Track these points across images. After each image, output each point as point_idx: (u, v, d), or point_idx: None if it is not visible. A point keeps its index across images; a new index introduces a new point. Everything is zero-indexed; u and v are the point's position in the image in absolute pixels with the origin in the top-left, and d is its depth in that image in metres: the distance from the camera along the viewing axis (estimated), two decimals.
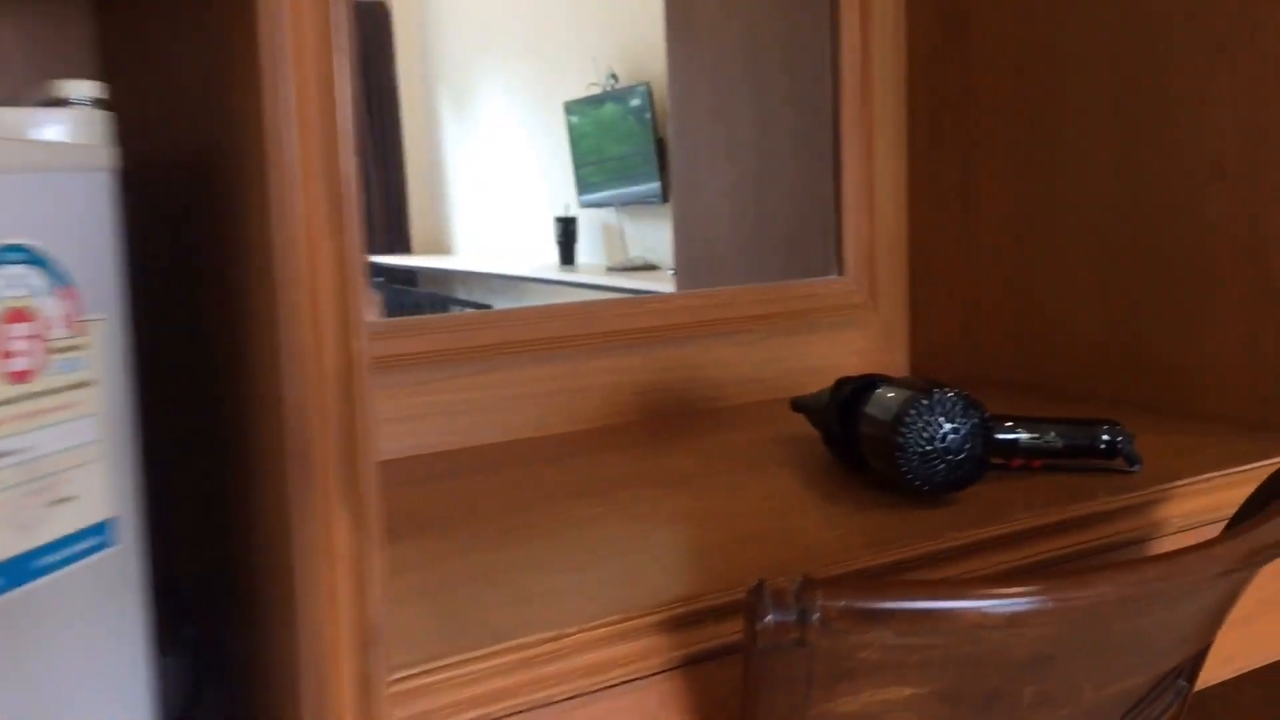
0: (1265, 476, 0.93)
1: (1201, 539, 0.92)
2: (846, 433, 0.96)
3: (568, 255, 2.36)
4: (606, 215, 2.30)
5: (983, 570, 0.80)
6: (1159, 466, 0.92)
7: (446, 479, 1.00)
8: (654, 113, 2.10)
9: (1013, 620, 0.58)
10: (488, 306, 1.36)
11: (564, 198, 2.34)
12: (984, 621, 0.58)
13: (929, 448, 0.84)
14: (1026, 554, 0.82)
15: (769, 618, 0.56)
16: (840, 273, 1.32)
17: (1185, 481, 0.89)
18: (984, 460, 0.85)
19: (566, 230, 2.31)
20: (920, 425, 0.84)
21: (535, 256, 1.62)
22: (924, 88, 1.32)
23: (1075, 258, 1.18)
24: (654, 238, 2.27)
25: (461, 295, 1.35)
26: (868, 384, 0.97)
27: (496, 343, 1.11)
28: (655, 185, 2.09)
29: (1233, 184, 1.02)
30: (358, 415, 0.53)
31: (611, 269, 2.21)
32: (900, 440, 0.84)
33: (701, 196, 1.69)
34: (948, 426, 0.84)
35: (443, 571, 0.75)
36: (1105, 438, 0.92)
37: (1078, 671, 0.65)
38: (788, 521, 0.83)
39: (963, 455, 0.84)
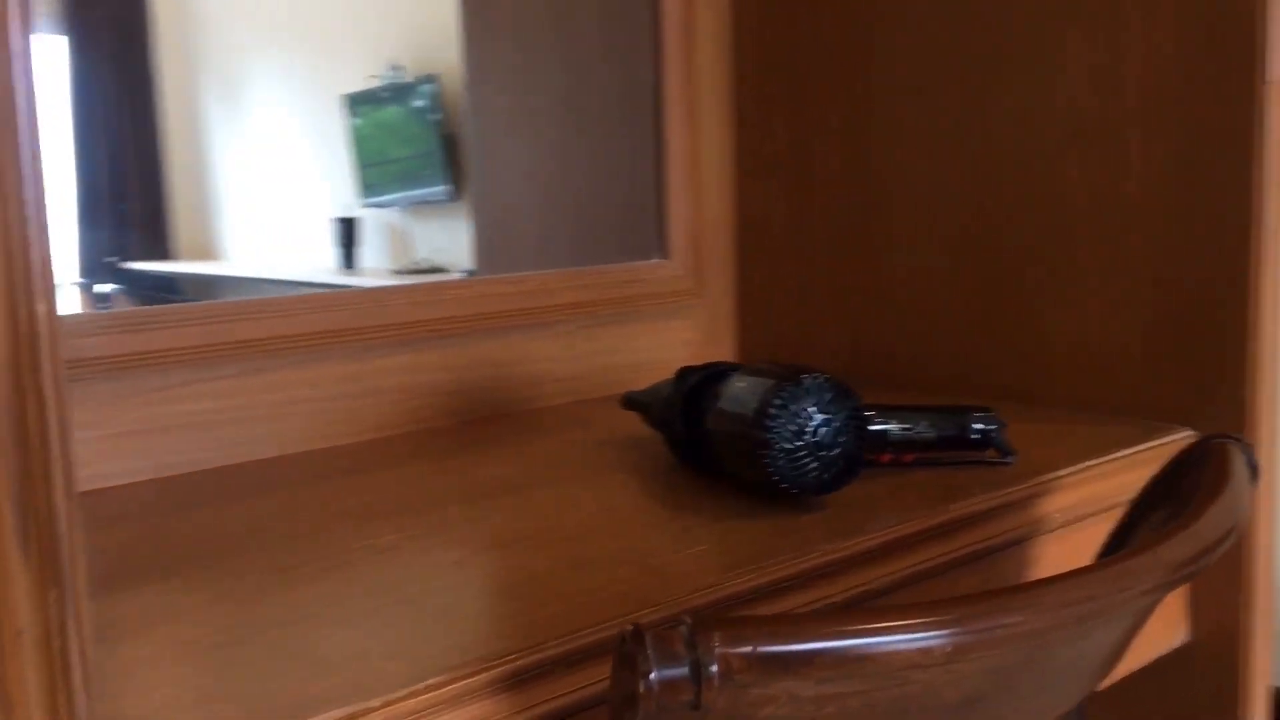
0: (1142, 465, 0.86)
1: (1082, 536, 0.83)
2: (693, 431, 0.82)
3: (349, 258, 2.15)
4: (391, 216, 2.11)
5: (865, 586, 0.68)
6: (1029, 457, 0.83)
7: (206, 506, 0.81)
8: (443, 109, 1.93)
9: (955, 654, 0.45)
10: None
11: (344, 198, 2.14)
12: (920, 660, 0.45)
13: (798, 444, 0.71)
14: (910, 563, 0.70)
15: (654, 675, 0.42)
16: (665, 255, 1.19)
17: (1065, 472, 0.80)
18: (860, 456, 0.73)
19: (347, 232, 2.10)
20: (787, 418, 0.71)
21: (314, 260, 1.46)
22: (750, 50, 1.21)
23: (920, 235, 1.09)
24: (443, 239, 2.09)
25: None
26: (716, 373, 0.84)
27: (264, 337, 0.92)
28: (444, 186, 1.94)
29: (1091, 147, 0.95)
30: (40, 420, 0.35)
31: (397, 272, 2.03)
32: (765, 437, 0.71)
33: (503, 183, 1.54)
34: (819, 418, 0.72)
35: (203, 630, 0.57)
36: (978, 427, 0.82)
37: (1008, 711, 0.53)
38: (634, 541, 0.69)
39: (836, 451, 0.72)
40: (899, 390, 1.10)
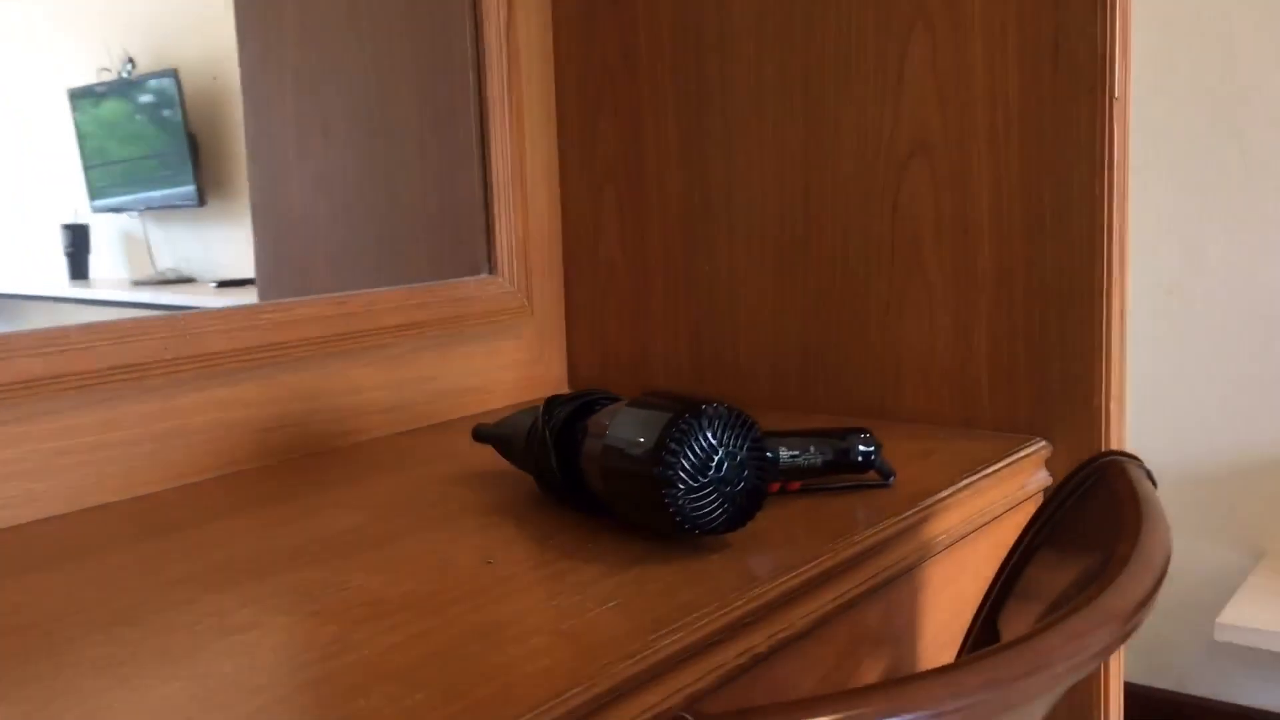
0: (1005, 481, 0.86)
1: (960, 557, 0.82)
2: (568, 468, 0.76)
3: (79, 268, 1.95)
4: (127, 222, 1.92)
5: (785, 631, 0.63)
6: (901, 476, 0.81)
7: None
8: (184, 105, 1.78)
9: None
10: None
11: (73, 202, 1.96)
12: None
13: (701, 480, 0.66)
14: (824, 601, 0.67)
15: None
16: (492, 271, 1.11)
17: (946, 493, 0.79)
18: (763, 490, 0.68)
19: (76, 239, 1.92)
20: (687, 452, 0.66)
21: (40, 271, 1.30)
22: (576, 55, 1.15)
23: (759, 250, 1.06)
24: (189, 247, 1.92)
25: None
26: (586, 403, 0.78)
27: (40, 377, 0.78)
28: (189, 189, 1.80)
29: (936, 158, 0.95)
30: None
31: (138, 283, 1.84)
32: (665, 474, 0.65)
33: (291, 191, 1.41)
34: (721, 452, 0.67)
35: None
36: (861, 449, 0.80)
37: None
38: (534, 600, 0.62)
39: (740, 485, 0.67)
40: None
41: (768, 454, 0.69)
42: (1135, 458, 0.69)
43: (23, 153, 1.26)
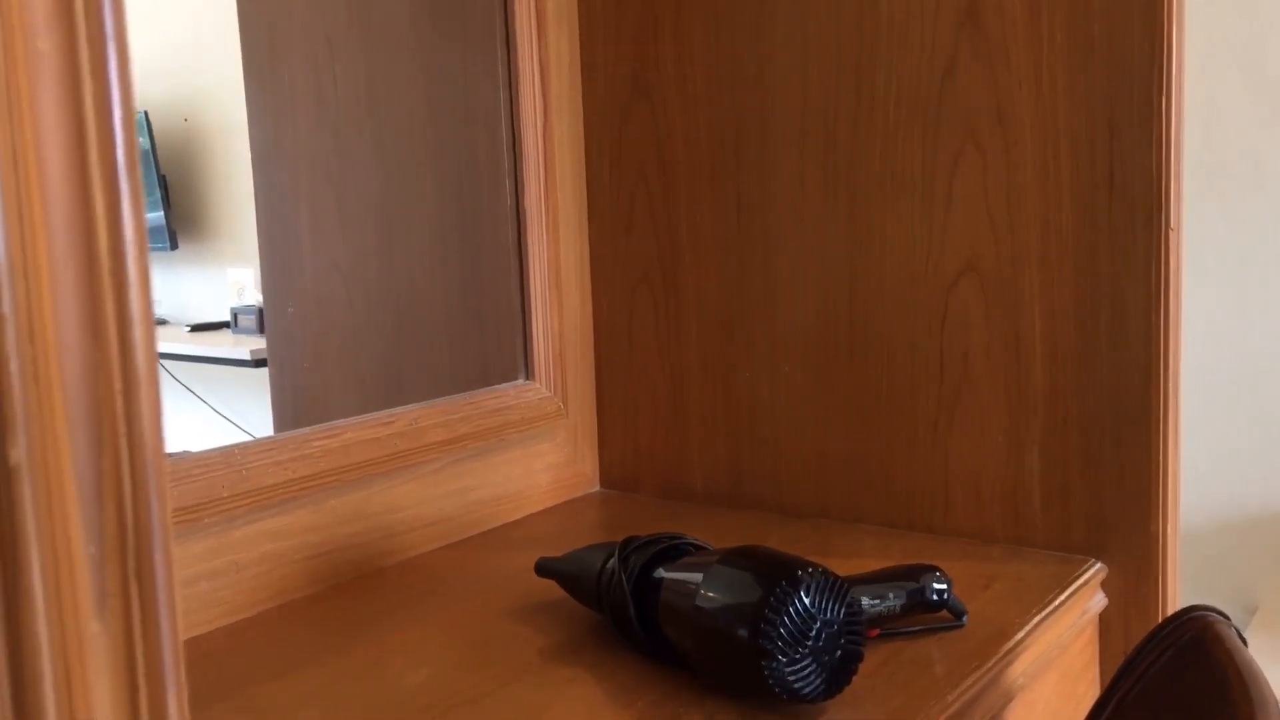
0: (1070, 613, 0.86)
1: (1033, 697, 0.82)
2: (646, 618, 0.75)
3: None
4: None
5: None
6: (973, 611, 0.81)
7: None
8: (154, 143, 1.75)
9: None
10: None
11: None
12: None
13: (801, 650, 0.65)
14: None
15: None
16: (529, 377, 1.10)
17: (1022, 635, 0.79)
18: (859, 655, 0.68)
19: None
20: (784, 621, 0.65)
21: None
22: (609, 158, 1.14)
23: (801, 357, 1.06)
24: (161, 289, 1.88)
25: None
26: (663, 550, 0.77)
27: None
28: (157, 215, 1.76)
29: (986, 278, 0.95)
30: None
31: None
32: (763, 645, 0.64)
33: (303, 267, 1.39)
34: (818, 621, 0.66)
35: None
36: (936, 587, 0.79)
37: None
38: None
39: (837, 653, 0.67)
40: (788, 514, 1.07)
41: (860, 614, 0.69)
42: (1223, 614, 0.69)
43: None
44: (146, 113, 1.73)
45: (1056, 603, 0.84)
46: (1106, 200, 0.89)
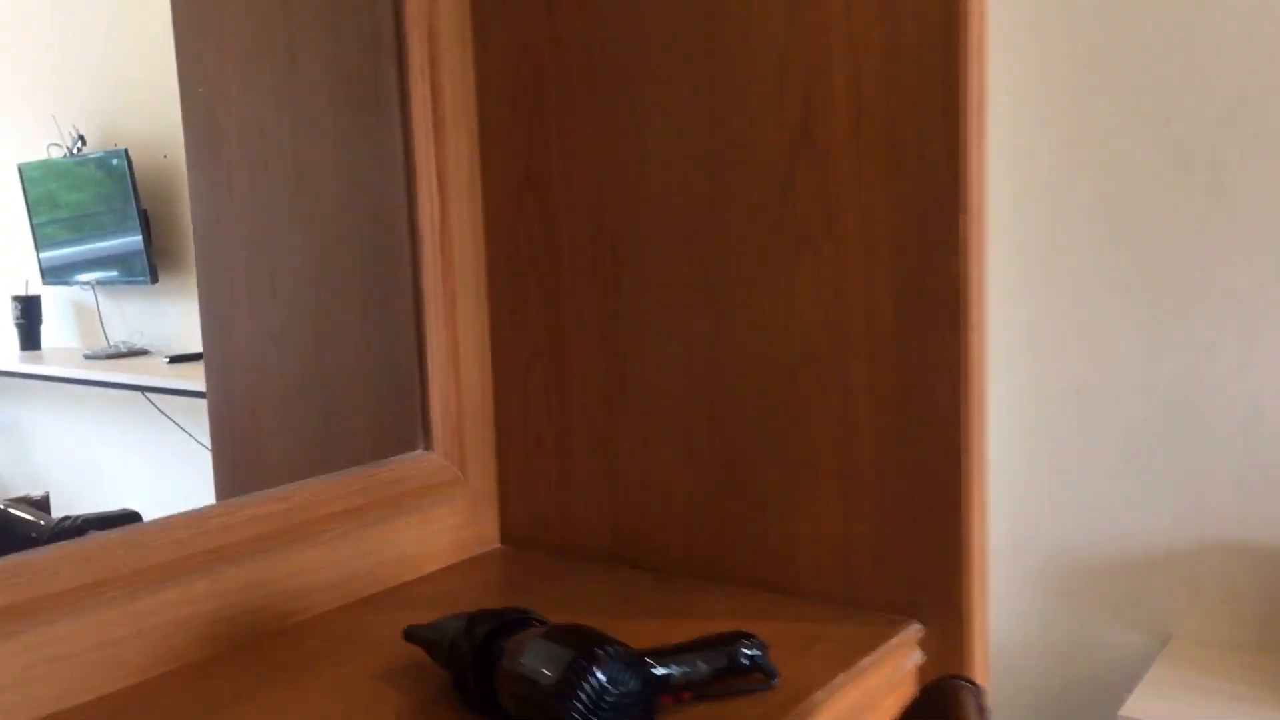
0: (880, 672, 0.97)
1: None
2: (484, 683, 0.86)
3: (31, 339, 2.01)
4: (80, 294, 1.99)
5: None
6: (786, 670, 0.92)
7: None
8: (133, 178, 1.85)
9: None
10: None
11: (24, 274, 2.03)
12: None
13: (596, 715, 0.76)
14: None
15: None
16: (428, 447, 1.21)
17: (821, 694, 0.89)
18: (651, 717, 0.79)
19: (28, 311, 1.96)
20: (582, 691, 0.76)
21: None
22: (505, 244, 1.25)
23: (667, 427, 1.17)
24: (141, 320, 1.99)
25: None
26: (505, 624, 0.88)
27: (8, 605, 0.87)
28: (135, 239, 1.85)
29: (822, 366, 1.06)
30: None
31: (90, 356, 1.91)
32: (562, 709, 0.75)
33: (238, 331, 1.50)
34: (615, 692, 0.77)
35: None
36: (745, 654, 0.90)
37: None
38: None
39: (633, 715, 0.78)
40: (661, 573, 1.18)
41: (656, 679, 0.80)
42: (972, 683, 0.80)
43: None
44: (127, 150, 1.84)
45: (863, 663, 0.94)
46: (919, 301, 1.00)
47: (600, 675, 0.77)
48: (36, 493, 1.42)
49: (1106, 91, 2.11)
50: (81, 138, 1.81)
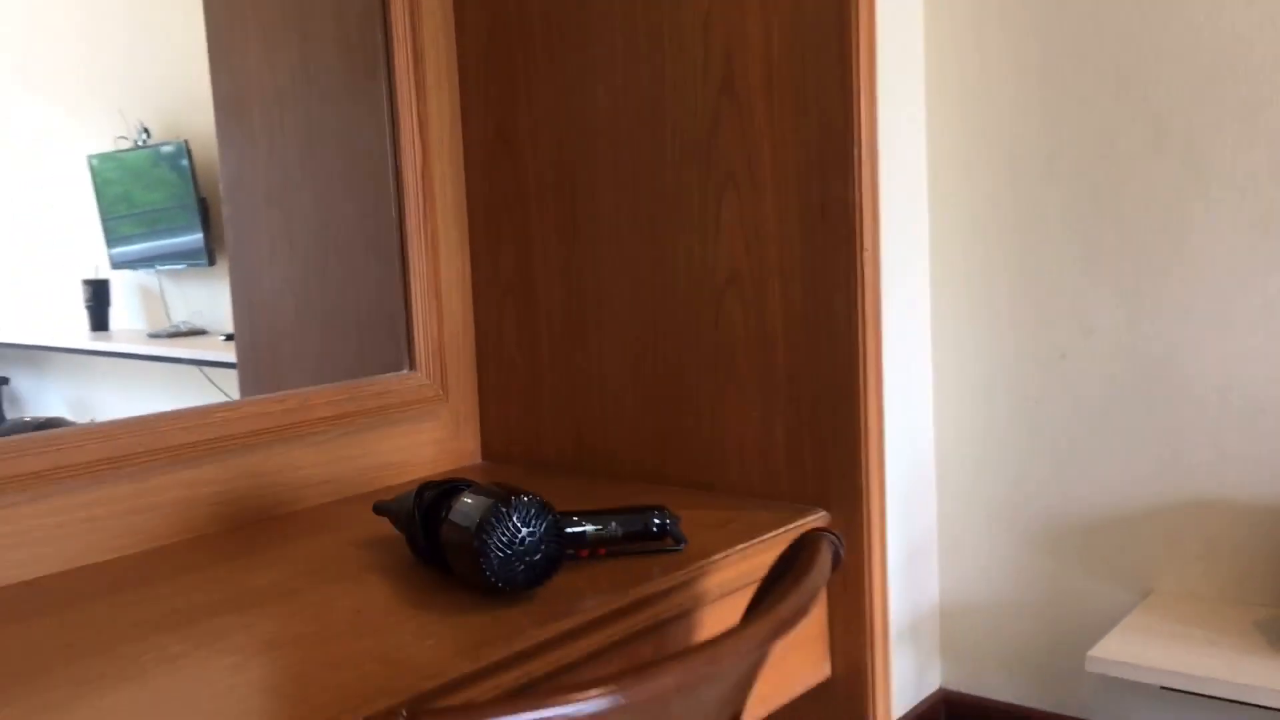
0: (779, 544, 1.11)
1: (735, 603, 1.08)
2: (430, 538, 1.02)
3: (100, 321, 2.21)
4: (145, 278, 2.19)
5: (562, 661, 0.89)
6: (697, 541, 1.07)
7: (7, 623, 0.94)
8: (194, 170, 2.03)
9: (613, 713, 0.67)
10: (5, 380, 1.27)
11: (93, 259, 2.20)
12: None
13: (509, 551, 0.92)
14: (599, 640, 0.92)
15: None
16: (412, 368, 1.38)
17: (720, 556, 1.04)
18: (558, 557, 0.94)
19: (97, 294, 2.16)
20: (499, 531, 0.92)
21: (62, 323, 1.53)
22: (481, 190, 1.42)
23: (617, 350, 1.32)
24: (201, 301, 2.18)
25: None
26: (449, 489, 1.04)
27: (44, 469, 1.05)
28: (198, 237, 2.03)
29: (743, 287, 1.21)
30: None
31: (154, 335, 2.11)
32: (481, 546, 0.91)
33: (262, 281, 1.68)
34: (524, 530, 0.93)
35: None
36: (656, 521, 1.05)
37: None
38: (381, 638, 0.88)
39: (539, 555, 0.93)
40: (616, 478, 1.33)
41: (564, 531, 0.95)
42: (835, 536, 0.94)
43: (52, 216, 1.50)
44: (187, 141, 2.02)
45: (760, 539, 1.09)
46: (820, 226, 1.15)
47: (515, 518, 0.92)
48: None
49: (1087, 70, 2.23)
50: (146, 130, 2.00)
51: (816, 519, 1.16)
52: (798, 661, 1.15)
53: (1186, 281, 2.18)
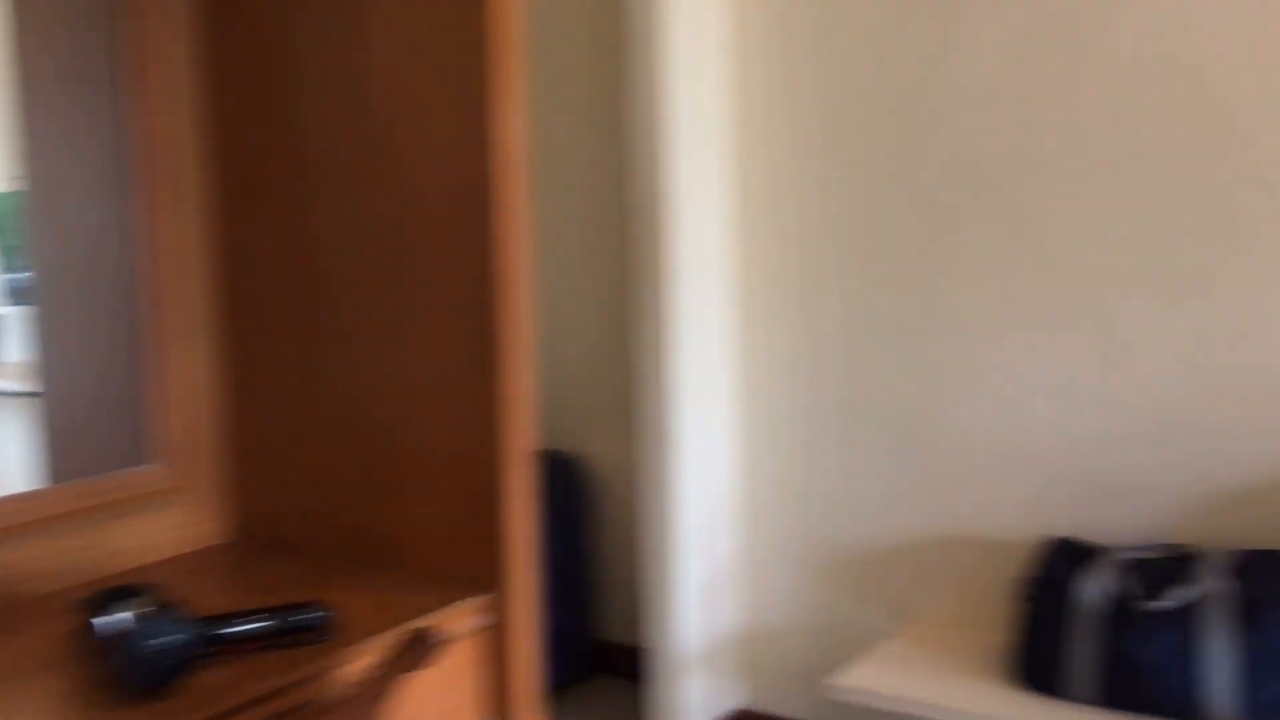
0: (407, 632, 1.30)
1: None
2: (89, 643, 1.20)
3: None
4: None
5: None
6: (363, 627, 1.25)
7: None
8: None
9: None
10: None
11: None
12: None
13: (143, 658, 1.10)
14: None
15: None
16: (150, 461, 1.54)
17: (353, 646, 1.23)
18: (184, 665, 1.12)
19: None
20: (131, 644, 1.10)
21: None
22: (227, 302, 1.60)
23: (340, 444, 1.51)
24: None
25: None
26: (111, 597, 1.21)
27: None
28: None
29: (432, 402, 1.40)
30: None
31: None
32: (125, 655, 1.09)
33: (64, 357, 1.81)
34: (155, 643, 1.10)
35: None
36: (291, 617, 1.23)
37: None
38: None
39: (169, 662, 1.11)
40: (340, 558, 1.51)
41: (219, 632, 1.14)
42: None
43: None
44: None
45: (413, 623, 1.28)
46: (478, 365, 1.34)
47: (148, 633, 1.10)
48: None
49: (864, 155, 2.44)
50: None
51: (470, 603, 1.35)
52: None
53: (940, 346, 2.40)
